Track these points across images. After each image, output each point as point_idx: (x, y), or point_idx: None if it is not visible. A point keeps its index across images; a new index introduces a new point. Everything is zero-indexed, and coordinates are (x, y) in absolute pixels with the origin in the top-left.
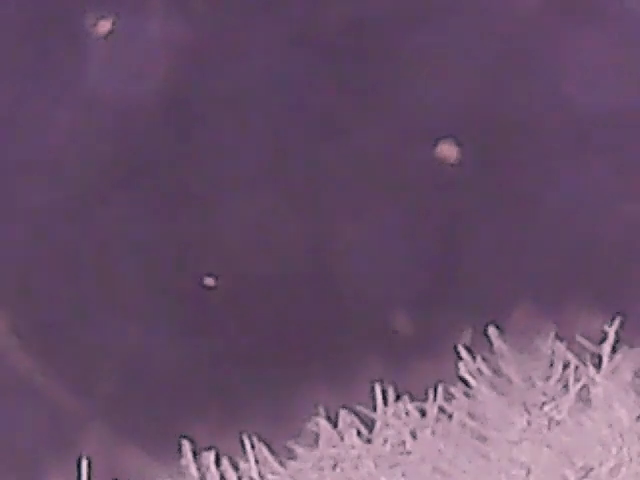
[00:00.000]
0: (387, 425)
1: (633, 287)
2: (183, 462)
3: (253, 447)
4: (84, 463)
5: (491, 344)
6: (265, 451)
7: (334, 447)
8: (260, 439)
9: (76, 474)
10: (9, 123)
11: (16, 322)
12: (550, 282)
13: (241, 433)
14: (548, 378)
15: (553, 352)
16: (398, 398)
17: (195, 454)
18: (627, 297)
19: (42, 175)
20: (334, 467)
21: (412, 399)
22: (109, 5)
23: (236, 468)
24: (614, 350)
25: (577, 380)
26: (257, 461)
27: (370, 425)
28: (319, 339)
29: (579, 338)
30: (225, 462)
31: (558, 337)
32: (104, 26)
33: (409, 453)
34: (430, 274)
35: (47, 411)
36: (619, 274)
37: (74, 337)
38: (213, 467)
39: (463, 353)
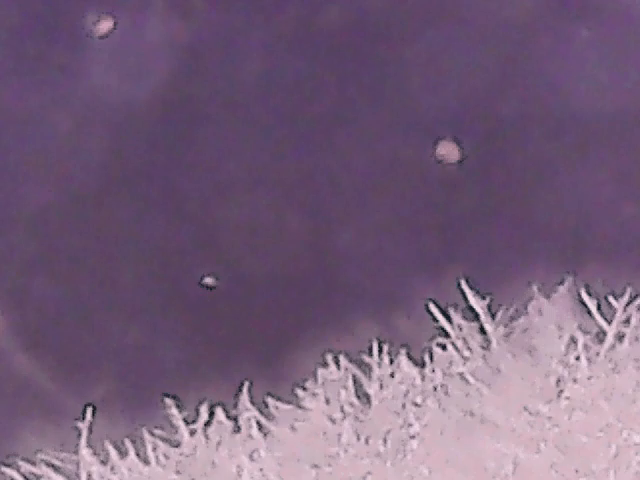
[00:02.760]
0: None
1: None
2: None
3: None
4: (88, 411)
5: (490, 343)
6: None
7: (331, 445)
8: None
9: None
10: (9, 123)
11: (16, 322)
12: (549, 282)
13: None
14: (547, 377)
15: (552, 351)
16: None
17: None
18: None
19: (42, 175)
20: (331, 465)
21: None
22: (109, 5)
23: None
24: (613, 348)
25: (576, 379)
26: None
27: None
28: (319, 338)
29: (578, 336)
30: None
31: (557, 336)
32: (104, 26)
33: (409, 453)
34: (430, 274)
35: (47, 411)
36: (615, 276)
37: (74, 337)
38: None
39: (463, 352)
